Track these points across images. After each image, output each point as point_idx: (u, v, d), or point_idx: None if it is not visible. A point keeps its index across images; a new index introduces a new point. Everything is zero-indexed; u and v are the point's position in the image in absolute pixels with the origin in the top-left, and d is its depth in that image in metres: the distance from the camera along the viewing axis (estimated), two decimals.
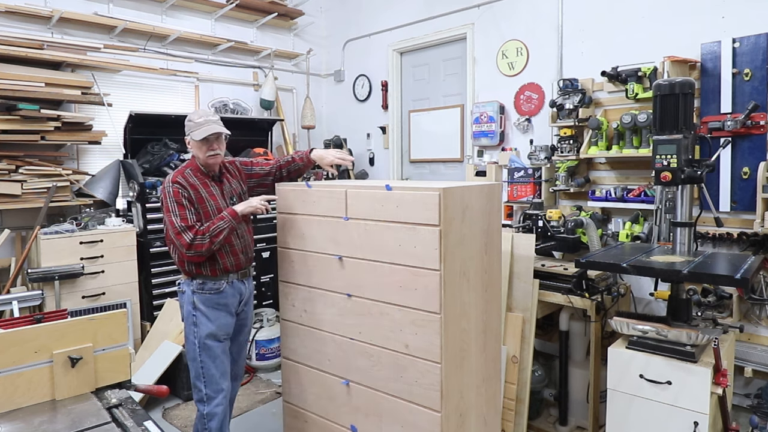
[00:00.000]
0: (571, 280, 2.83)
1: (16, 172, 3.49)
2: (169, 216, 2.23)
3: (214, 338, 2.32)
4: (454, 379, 2.03)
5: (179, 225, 2.20)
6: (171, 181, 2.26)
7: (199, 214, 2.26)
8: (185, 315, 2.35)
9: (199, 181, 2.31)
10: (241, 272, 2.41)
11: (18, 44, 3.53)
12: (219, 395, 2.32)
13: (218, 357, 2.33)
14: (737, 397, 3.01)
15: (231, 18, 4.93)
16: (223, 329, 2.35)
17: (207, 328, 2.30)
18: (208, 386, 2.31)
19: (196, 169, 2.33)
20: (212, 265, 2.30)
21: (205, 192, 2.30)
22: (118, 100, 4.07)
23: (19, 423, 1.54)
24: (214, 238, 2.22)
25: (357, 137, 5.37)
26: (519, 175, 3.76)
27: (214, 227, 2.23)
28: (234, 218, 2.27)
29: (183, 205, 2.22)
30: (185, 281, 2.35)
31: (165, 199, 2.25)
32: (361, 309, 2.20)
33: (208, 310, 2.30)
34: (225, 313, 2.36)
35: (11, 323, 1.97)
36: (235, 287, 2.38)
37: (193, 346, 2.32)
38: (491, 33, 4.20)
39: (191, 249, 2.20)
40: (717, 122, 2.98)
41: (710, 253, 2.52)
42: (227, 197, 2.38)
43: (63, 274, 3.35)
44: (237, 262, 2.37)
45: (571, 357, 3.06)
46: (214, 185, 2.36)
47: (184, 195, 2.23)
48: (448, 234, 1.93)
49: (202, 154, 2.29)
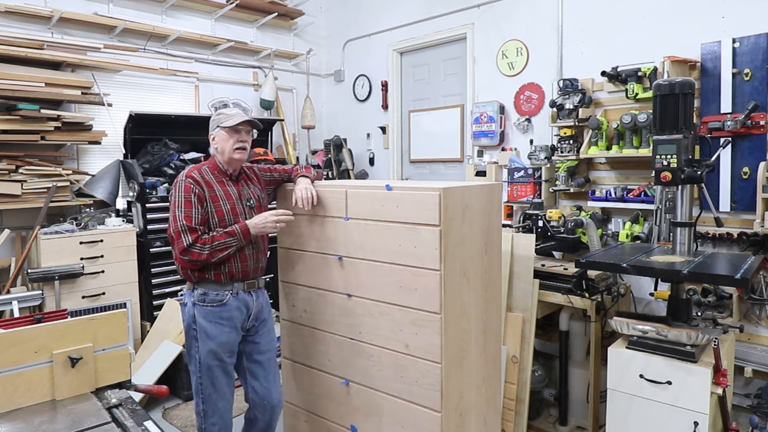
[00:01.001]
0: (571, 280, 2.83)
1: (16, 172, 3.49)
2: (174, 212, 2.08)
3: (215, 356, 2.15)
4: (454, 379, 2.03)
5: (181, 224, 2.05)
6: (185, 175, 2.12)
7: (209, 214, 2.13)
8: (185, 328, 2.20)
9: (216, 179, 2.18)
10: (248, 282, 2.22)
11: (18, 44, 3.53)
12: (215, 415, 2.20)
13: (218, 378, 2.17)
14: (737, 397, 3.01)
15: (231, 18, 4.93)
16: (225, 347, 2.17)
17: (207, 345, 2.14)
18: (206, 403, 2.19)
19: (214, 167, 2.21)
20: (217, 269, 2.13)
21: (221, 191, 2.17)
22: (118, 100, 4.07)
23: (19, 423, 1.54)
24: (216, 252, 2.07)
25: (357, 137, 5.37)
26: (519, 175, 3.76)
27: (219, 241, 2.07)
28: (245, 236, 2.12)
29: (191, 202, 2.07)
30: (187, 292, 2.20)
31: (175, 192, 2.11)
32: (362, 309, 2.20)
33: (209, 326, 2.14)
34: (229, 328, 2.17)
35: (11, 323, 1.97)
36: (240, 299, 2.19)
37: (193, 360, 2.18)
38: (491, 33, 4.20)
39: (186, 254, 2.04)
40: (717, 122, 2.98)
41: (710, 253, 2.52)
42: (244, 199, 2.23)
43: (63, 274, 3.35)
44: (245, 270, 2.19)
45: (571, 357, 3.06)
46: (231, 185, 2.22)
47: (195, 192, 2.09)
48: (448, 234, 1.93)
49: (228, 147, 2.15)
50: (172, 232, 2.08)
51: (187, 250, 2.05)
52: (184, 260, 2.08)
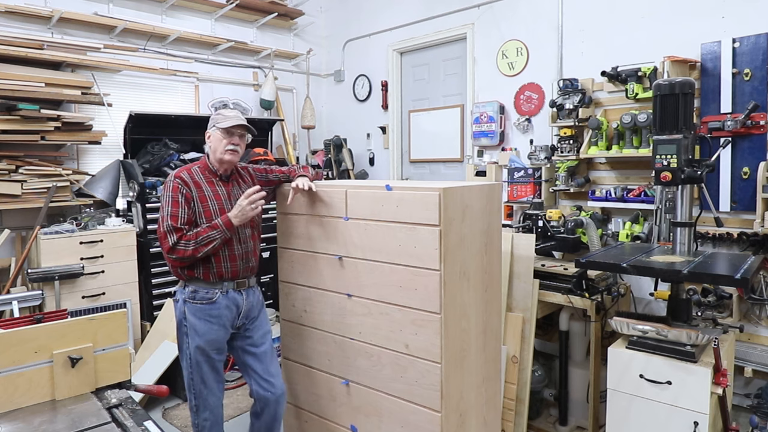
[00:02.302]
0: (571, 280, 2.83)
1: (16, 172, 3.49)
2: (162, 211, 2.15)
3: (202, 353, 2.20)
4: (454, 379, 2.03)
5: (167, 224, 2.11)
6: (174, 176, 2.18)
7: (197, 214, 2.17)
8: (177, 325, 2.26)
9: (205, 179, 2.22)
10: (237, 281, 2.26)
11: (18, 44, 3.53)
12: (206, 410, 2.25)
13: (206, 373, 2.23)
14: (737, 397, 3.01)
15: (231, 18, 4.93)
16: (213, 344, 2.21)
17: (195, 342, 2.19)
18: (197, 398, 2.25)
19: (204, 167, 2.25)
20: (206, 269, 2.18)
21: (209, 191, 2.21)
22: (118, 100, 4.07)
23: (19, 423, 1.54)
24: (201, 247, 2.11)
25: (357, 137, 5.37)
26: (519, 175, 3.76)
27: (203, 236, 2.11)
28: (228, 229, 2.15)
29: (177, 202, 2.13)
30: (179, 289, 2.26)
31: (164, 192, 2.18)
32: (362, 309, 2.20)
33: (198, 322, 2.19)
34: (217, 326, 2.21)
35: (11, 323, 1.97)
36: (230, 298, 2.23)
37: (184, 356, 2.25)
38: (491, 33, 4.20)
39: (172, 252, 2.10)
40: (717, 122, 2.98)
41: (710, 253, 2.52)
42: (233, 200, 2.24)
43: (63, 274, 3.35)
44: (234, 269, 2.23)
45: (571, 357, 3.06)
46: (221, 185, 2.26)
47: (182, 192, 2.14)
48: (448, 234, 1.93)
49: (221, 147, 2.19)
50: (159, 232, 2.16)
51: (172, 248, 2.11)
52: (171, 258, 2.15)
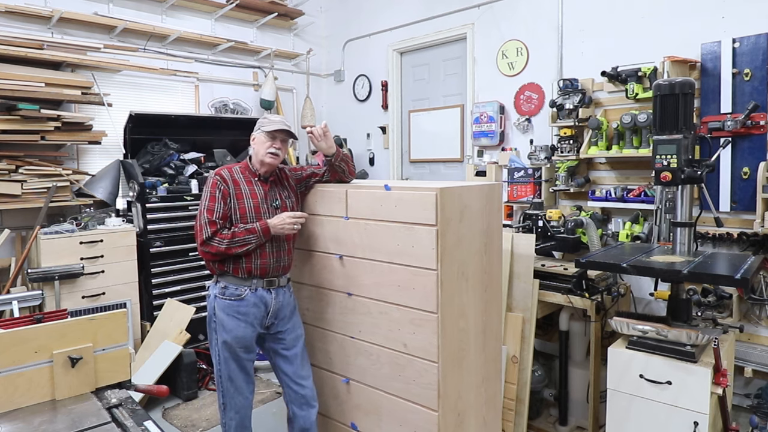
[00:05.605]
0: (571, 280, 2.83)
1: (16, 172, 3.49)
2: (200, 206, 2.21)
3: (229, 349, 2.21)
4: (452, 378, 2.03)
5: (204, 217, 2.16)
6: (215, 173, 2.25)
7: (232, 210, 2.21)
8: (207, 319, 2.30)
9: (245, 178, 2.28)
10: (267, 279, 2.25)
11: (18, 44, 3.53)
12: (233, 410, 2.26)
13: (234, 371, 2.24)
14: (737, 397, 3.01)
15: (231, 18, 4.93)
16: (239, 341, 2.21)
17: (222, 337, 2.22)
18: (225, 396, 2.26)
19: (245, 167, 2.31)
20: (236, 264, 2.20)
21: (247, 189, 2.25)
22: (118, 100, 4.07)
23: (19, 423, 1.54)
24: (236, 247, 2.15)
25: (357, 137, 5.37)
26: (519, 175, 3.76)
27: (239, 238, 2.15)
28: (265, 234, 2.18)
29: (215, 197, 2.19)
30: (211, 284, 2.29)
31: (204, 188, 2.24)
32: (362, 308, 2.21)
33: (226, 318, 2.21)
34: (244, 323, 2.21)
35: (11, 323, 1.97)
36: (258, 296, 2.22)
37: (214, 351, 2.27)
38: (491, 33, 4.20)
39: (205, 246, 2.15)
40: (717, 122, 2.98)
41: (710, 253, 2.52)
42: (270, 199, 2.29)
43: (63, 274, 3.35)
44: (264, 267, 2.23)
45: (571, 357, 3.06)
46: (260, 185, 2.30)
47: (220, 188, 2.21)
48: (445, 234, 1.93)
49: (263, 150, 2.25)
50: (196, 225, 2.20)
51: (206, 242, 2.15)
52: (203, 251, 2.19)
